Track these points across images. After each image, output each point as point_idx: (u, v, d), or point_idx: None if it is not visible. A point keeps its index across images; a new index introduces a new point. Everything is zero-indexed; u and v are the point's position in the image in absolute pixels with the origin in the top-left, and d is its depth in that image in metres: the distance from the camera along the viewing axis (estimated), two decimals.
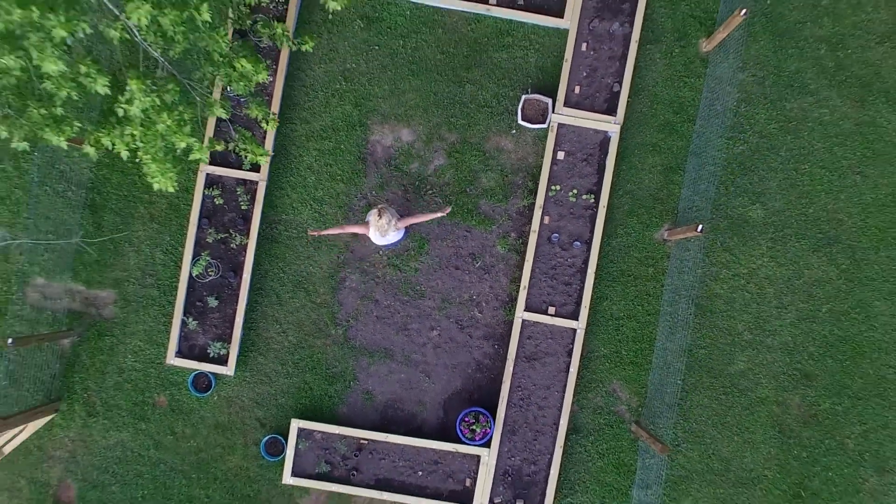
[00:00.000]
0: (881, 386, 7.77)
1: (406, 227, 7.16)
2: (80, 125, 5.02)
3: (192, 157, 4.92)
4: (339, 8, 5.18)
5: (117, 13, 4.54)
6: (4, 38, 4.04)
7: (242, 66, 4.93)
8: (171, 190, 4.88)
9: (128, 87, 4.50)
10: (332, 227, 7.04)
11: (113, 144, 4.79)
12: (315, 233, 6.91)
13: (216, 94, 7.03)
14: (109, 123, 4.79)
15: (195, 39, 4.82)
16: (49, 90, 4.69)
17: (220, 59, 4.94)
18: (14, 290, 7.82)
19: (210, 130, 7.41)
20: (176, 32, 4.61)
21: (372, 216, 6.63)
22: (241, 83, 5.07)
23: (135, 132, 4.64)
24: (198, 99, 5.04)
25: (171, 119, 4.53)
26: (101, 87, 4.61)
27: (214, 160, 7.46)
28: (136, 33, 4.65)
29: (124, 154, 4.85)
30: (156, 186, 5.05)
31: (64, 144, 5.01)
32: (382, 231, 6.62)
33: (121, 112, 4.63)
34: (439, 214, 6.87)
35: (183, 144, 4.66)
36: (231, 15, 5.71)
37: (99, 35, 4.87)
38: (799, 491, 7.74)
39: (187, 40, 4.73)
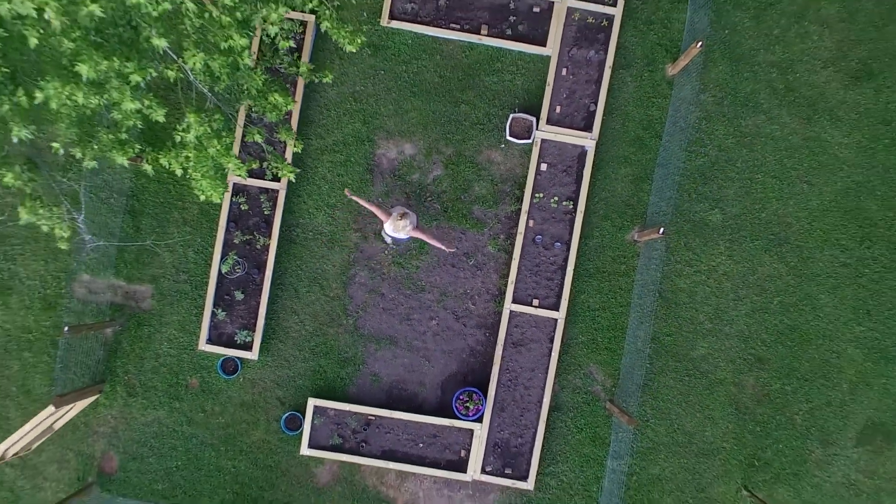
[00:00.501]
0: (825, 369, 8.85)
1: (410, 209, 8.22)
2: (139, 147, 6.08)
3: (234, 174, 5.98)
4: (354, 50, 6.24)
5: (176, 58, 5.60)
6: (93, 83, 5.09)
7: (275, 99, 5.99)
8: (217, 201, 5.93)
9: (185, 119, 5.55)
10: (364, 199, 7.92)
11: (169, 164, 5.84)
12: (350, 193, 7.73)
13: (240, 118, 8.10)
14: (167, 147, 5.84)
15: (237, 78, 5.88)
16: (116, 119, 5.74)
17: (257, 93, 6.00)
18: (63, 286, 8.88)
19: (236, 148, 8.46)
20: (222, 73, 5.66)
21: (396, 211, 7.67)
22: (273, 113, 6.12)
23: (189, 154, 5.69)
24: (237, 126, 6.08)
25: (220, 144, 5.58)
26: (160, 116, 5.66)
27: None
28: (190, 74, 5.70)
29: (178, 172, 5.90)
30: (202, 198, 6.10)
31: (126, 163, 6.07)
32: (397, 229, 7.65)
33: (178, 138, 5.68)
34: (444, 248, 7.86)
35: (230, 165, 5.71)
36: (255, 56, 6.70)
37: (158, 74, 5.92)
38: (753, 461, 8.83)
39: (230, 79, 5.79)
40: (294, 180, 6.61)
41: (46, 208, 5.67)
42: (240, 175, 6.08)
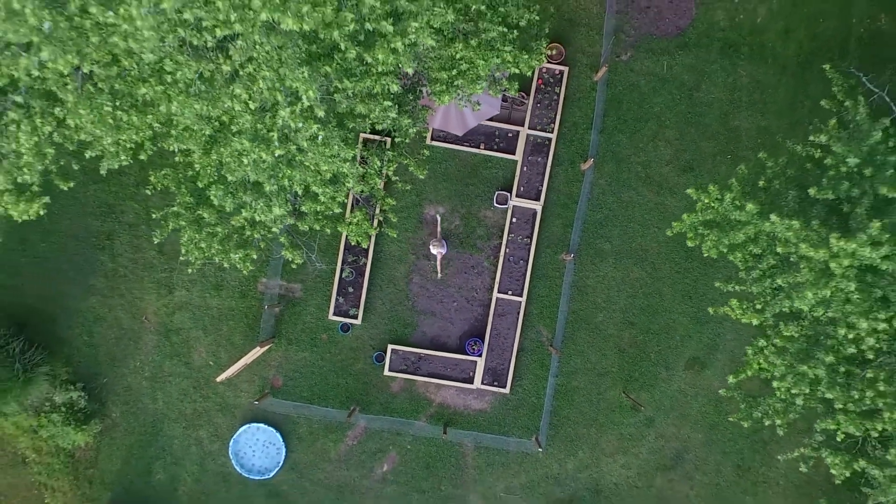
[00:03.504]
0: (667, 328, 16.30)
1: (444, 239, 15.54)
2: (332, 226, 13.34)
3: (368, 232, 13.32)
4: (422, 177, 13.54)
5: (351, 188, 12.91)
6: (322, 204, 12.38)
7: (389, 201, 13.28)
8: (364, 246, 13.24)
9: (354, 212, 12.84)
10: (440, 264, 15.47)
11: (343, 230, 13.11)
12: (441, 274, 15.36)
13: (349, 201, 15.42)
14: (341, 222, 13.12)
15: (373, 193, 13.20)
16: (318, 210, 13.04)
17: (380, 198, 13.30)
18: (250, 285, 16.24)
19: (348, 210, 15.80)
20: (366, 191, 12.99)
21: (434, 240, 15.10)
22: (388, 206, 13.42)
23: (354, 227, 12.96)
24: (369, 214, 13.46)
25: (367, 223, 12.87)
26: (338, 209, 12.97)
27: None
28: (353, 193, 13.04)
29: (345, 233, 13.18)
30: (353, 242, 13.40)
31: (318, 228, 13.37)
32: (436, 248, 15.04)
33: (348, 221, 12.96)
34: (438, 225, 15.20)
35: (372, 232, 13.01)
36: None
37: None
38: (628, 378, 16.28)
39: (369, 192, 13.13)
40: (395, 236, 13.89)
41: (297, 250, 12.92)
42: (371, 234, 13.44)
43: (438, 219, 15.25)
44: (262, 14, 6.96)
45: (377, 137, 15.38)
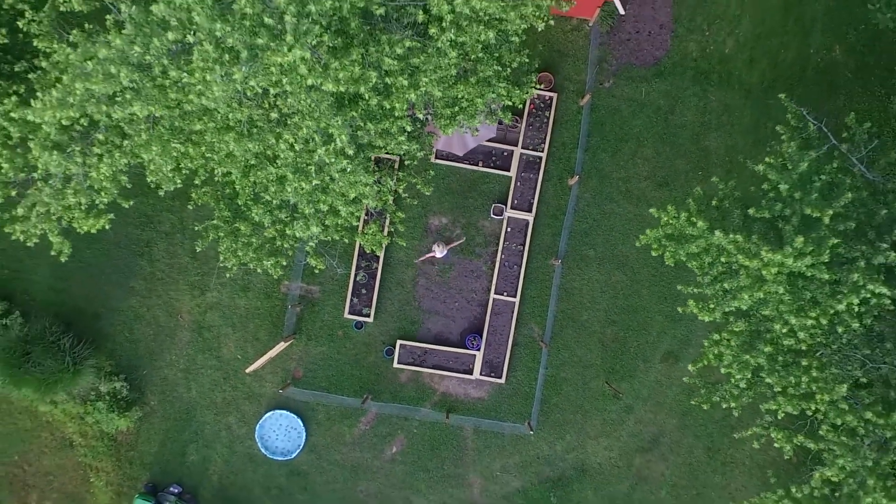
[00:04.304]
0: (645, 326, 18.32)
1: (448, 249, 17.56)
2: (349, 237, 15.35)
3: (382, 241, 15.29)
4: (428, 193, 15.51)
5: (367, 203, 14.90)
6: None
7: (399, 215, 15.27)
8: (378, 254, 15.19)
9: (370, 224, 14.84)
10: (425, 257, 17.44)
11: (360, 241, 15.10)
12: (419, 260, 17.25)
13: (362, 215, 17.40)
14: (360, 234, 15.10)
15: (386, 208, 15.20)
16: (339, 223, 15.05)
17: (392, 213, 15.28)
18: (274, 287, 18.24)
19: (360, 224, 17.81)
20: (379, 206, 14.99)
21: (437, 243, 17.11)
22: (398, 220, 15.39)
23: (370, 238, 14.94)
24: (381, 226, 15.43)
25: (380, 234, 14.85)
26: (356, 222, 14.97)
27: None
28: (369, 209, 15.04)
29: (361, 242, 15.18)
30: (368, 250, 15.40)
31: (336, 237, 15.37)
32: (438, 248, 17.05)
33: (365, 232, 14.95)
34: (459, 242, 17.27)
35: (385, 242, 14.99)
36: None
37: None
38: (610, 370, 18.31)
39: (382, 207, 15.13)
40: (404, 245, 15.90)
41: (320, 258, 14.88)
42: (384, 243, 15.44)
43: (464, 238, 17.36)
44: (309, 79, 8.97)
45: (388, 157, 17.39)
